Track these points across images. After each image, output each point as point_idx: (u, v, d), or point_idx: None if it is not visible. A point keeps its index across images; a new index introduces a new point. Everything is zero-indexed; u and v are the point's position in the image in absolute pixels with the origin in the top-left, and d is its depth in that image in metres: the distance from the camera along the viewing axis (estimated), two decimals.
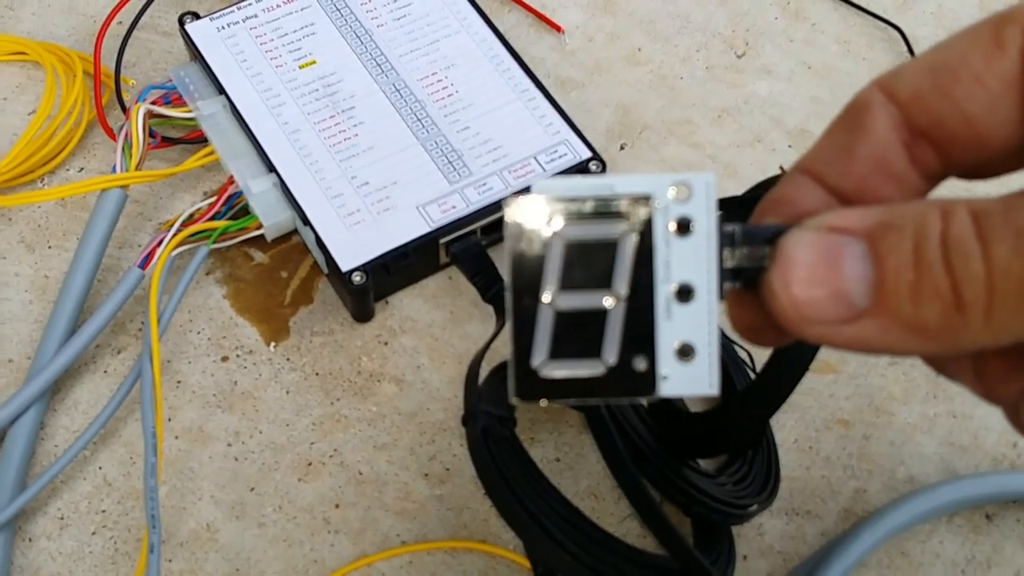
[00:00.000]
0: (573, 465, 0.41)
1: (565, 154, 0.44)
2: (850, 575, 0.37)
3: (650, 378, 0.22)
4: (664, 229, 0.21)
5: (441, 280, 0.45)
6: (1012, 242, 0.19)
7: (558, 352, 0.22)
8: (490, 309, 0.42)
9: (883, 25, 0.52)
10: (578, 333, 0.21)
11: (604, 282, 0.21)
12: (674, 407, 0.39)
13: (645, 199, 0.21)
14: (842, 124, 0.23)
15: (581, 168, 0.44)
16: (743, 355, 0.41)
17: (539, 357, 0.22)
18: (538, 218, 0.21)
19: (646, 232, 0.21)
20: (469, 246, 0.43)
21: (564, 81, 0.50)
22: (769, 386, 0.33)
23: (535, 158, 0.44)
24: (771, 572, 0.39)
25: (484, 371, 0.37)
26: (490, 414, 0.33)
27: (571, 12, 0.52)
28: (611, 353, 0.21)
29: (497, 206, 0.43)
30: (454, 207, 0.43)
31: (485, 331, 0.43)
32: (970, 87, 0.21)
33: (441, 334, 0.43)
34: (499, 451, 0.33)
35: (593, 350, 0.21)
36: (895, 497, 0.40)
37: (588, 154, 0.44)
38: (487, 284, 0.41)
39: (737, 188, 0.47)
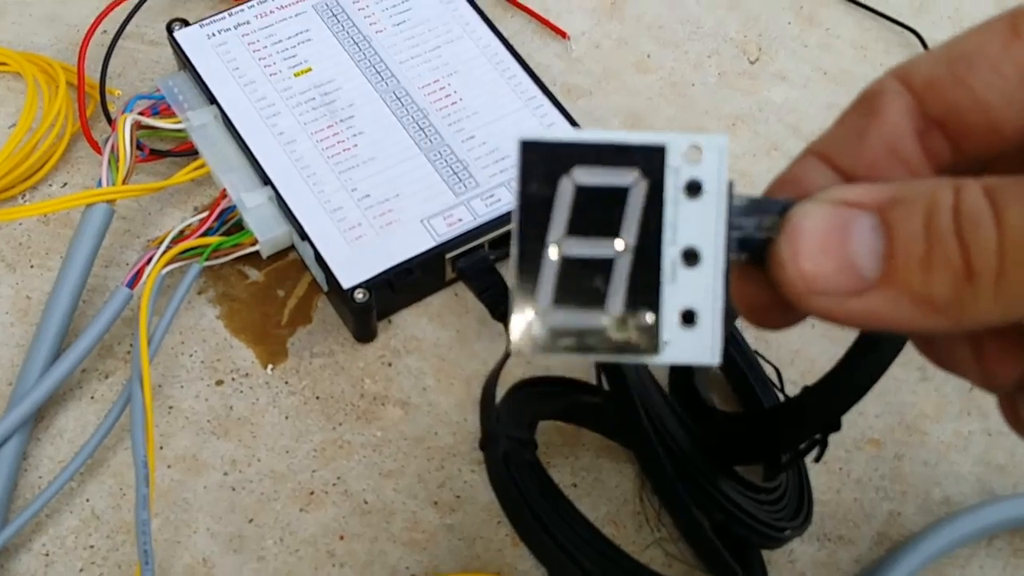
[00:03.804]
0: (591, 491, 0.38)
1: None
2: None
3: (653, 337, 0.21)
4: (674, 189, 0.21)
5: (447, 297, 0.43)
6: None
7: (562, 299, 0.21)
8: (499, 327, 0.40)
9: (899, 29, 0.50)
10: (583, 282, 0.21)
11: (612, 230, 0.21)
12: (713, 408, 0.37)
13: (659, 150, 0.21)
14: (855, 109, 0.23)
15: None
16: (770, 371, 0.39)
17: (543, 303, 0.21)
18: (551, 161, 0.21)
19: (657, 181, 0.21)
20: (477, 261, 0.41)
21: (571, 88, 0.48)
22: (850, 375, 0.31)
23: None
24: None
25: (499, 392, 0.35)
26: (511, 437, 0.31)
27: (576, 18, 0.50)
28: (615, 304, 0.21)
29: (506, 219, 0.41)
30: (460, 220, 0.41)
31: (494, 350, 0.41)
32: (987, 75, 0.21)
33: (448, 354, 0.41)
34: (521, 476, 0.31)
35: (597, 300, 0.21)
36: (931, 520, 0.38)
37: None
38: (496, 301, 0.40)
39: None
